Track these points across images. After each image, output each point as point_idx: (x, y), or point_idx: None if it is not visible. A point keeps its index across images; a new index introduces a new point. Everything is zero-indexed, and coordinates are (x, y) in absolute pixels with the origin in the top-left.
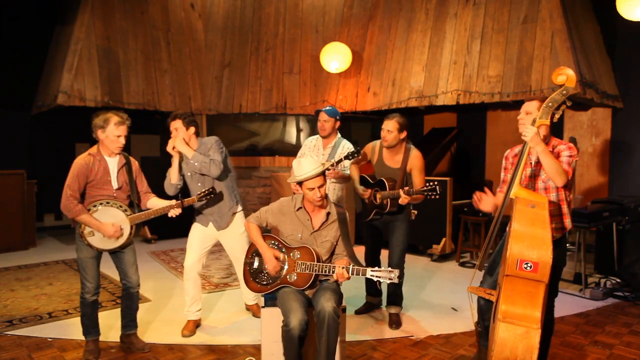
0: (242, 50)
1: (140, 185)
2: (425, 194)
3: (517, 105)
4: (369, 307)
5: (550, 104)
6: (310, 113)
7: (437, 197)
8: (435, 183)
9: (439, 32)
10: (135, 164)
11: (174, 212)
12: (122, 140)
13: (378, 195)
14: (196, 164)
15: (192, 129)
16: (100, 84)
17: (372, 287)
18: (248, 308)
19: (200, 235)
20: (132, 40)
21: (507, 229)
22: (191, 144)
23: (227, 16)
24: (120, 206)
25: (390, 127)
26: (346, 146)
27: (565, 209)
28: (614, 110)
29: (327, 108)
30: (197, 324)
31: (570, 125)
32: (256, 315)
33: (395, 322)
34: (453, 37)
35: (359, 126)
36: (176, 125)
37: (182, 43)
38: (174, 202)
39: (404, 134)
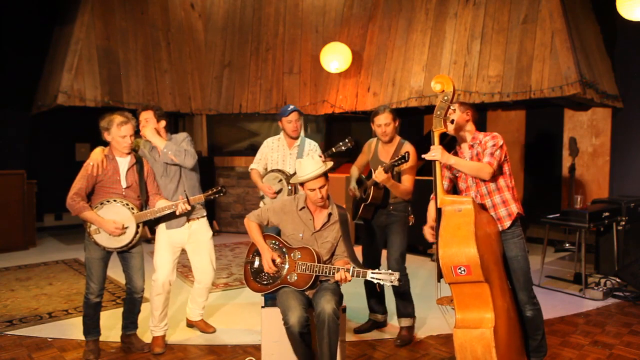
0: (242, 50)
1: (150, 186)
2: (397, 163)
3: (517, 105)
4: (372, 326)
5: (438, 113)
6: (310, 113)
7: (406, 163)
8: (407, 152)
9: (439, 32)
10: (147, 165)
11: (181, 209)
12: (128, 140)
13: (362, 189)
14: (169, 152)
15: (163, 122)
16: (100, 84)
17: (375, 301)
18: (191, 324)
19: (168, 244)
20: (132, 40)
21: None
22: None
23: (227, 16)
24: (127, 204)
25: (387, 120)
26: (312, 144)
27: (506, 195)
28: (614, 110)
29: (293, 107)
30: (165, 338)
31: (570, 125)
32: (204, 331)
33: (402, 337)
34: (453, 37)
35: (359, 126)
36: (146, 116)
37: (182, 43)
38: (179, 199)
39: (397, 122)
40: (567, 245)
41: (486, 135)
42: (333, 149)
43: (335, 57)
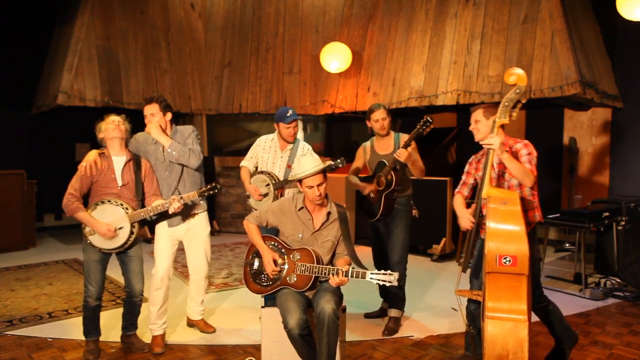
0: (242, 50)
1: (148, 186)
2: (420, 130)
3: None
4: (383, 313)
5: (506, 104)
6: (310, 113)
7: (431, 126)
8: (426, 117)
9: (439, 32)
10: (145, 164)
11: (174, 208)
12: (116, 124)
13: (381, 178)
14: (174, 152)
15: (169, 115)
16: (100, 84)
17: (385, 292)
18: (192, 324)
19: (167, 238)
20: (132, 40)
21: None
22: (167, 131)
23: (227, 16)
24: (122, 204)
25: (384, 115)
26: (305, 147)
27: (530, 204)
28: (614, 110)
29: (293, 113)
30: (164, 338)
31: (570, 125)
32: (204, 331)
33: (389, 328)
34: (453, 37)
35: (359, 126)
36: (152, 110)
37: (182, 43)
38: (172, 198)
39: (390, 118)
40: (567, 245)
41: (517, 142)
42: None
43: (335, 57)
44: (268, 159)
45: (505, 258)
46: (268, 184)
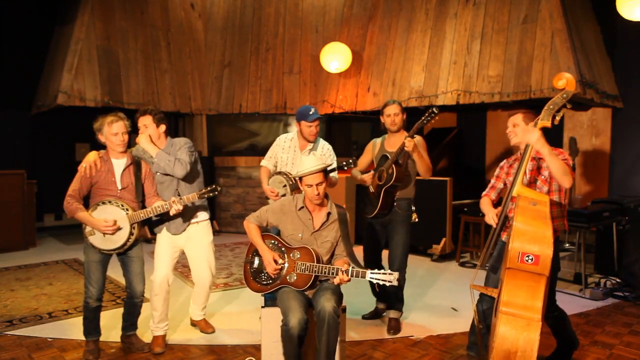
0: (242, 50)
1: (148, 188)
2: (426, 120)
3: (517, 105)
4: (377, 314)
5: (551, 107)
6: None
7: (437, 117)
8: (432, 108)
9: (439, 32)
10: (146, 166)
11: (175, 210)
12: (121, 138)
13: (382, 172)
14: (161, 163)
15: (163, 127)
16: (100, 84)
17: (384, 293)
18: (194, 323)
19: (167, 245)
20: (132, 40)
21: (508, 224)
22: (159, 143)
23: (227, 16)
24: (122, 205)
25: (396, 110)
26: (325, 146)
27: (556, 212)
28: (614, 110)
29: (315, 112)
30: (165, 338)
31: (570, 125)
32: (204, 331)
33: (393, 327)
34: (453, 37)
35: (359, 126)
36: (145, 122)
37: (182, 43)
38: (172, 199)
39: (404, 115)
40: (567, 245)
41: (553, 150)
42: (336, 167)
43: (335, 57)
44: (287, 158)
45: (527, 256)
46: (285, 185)
